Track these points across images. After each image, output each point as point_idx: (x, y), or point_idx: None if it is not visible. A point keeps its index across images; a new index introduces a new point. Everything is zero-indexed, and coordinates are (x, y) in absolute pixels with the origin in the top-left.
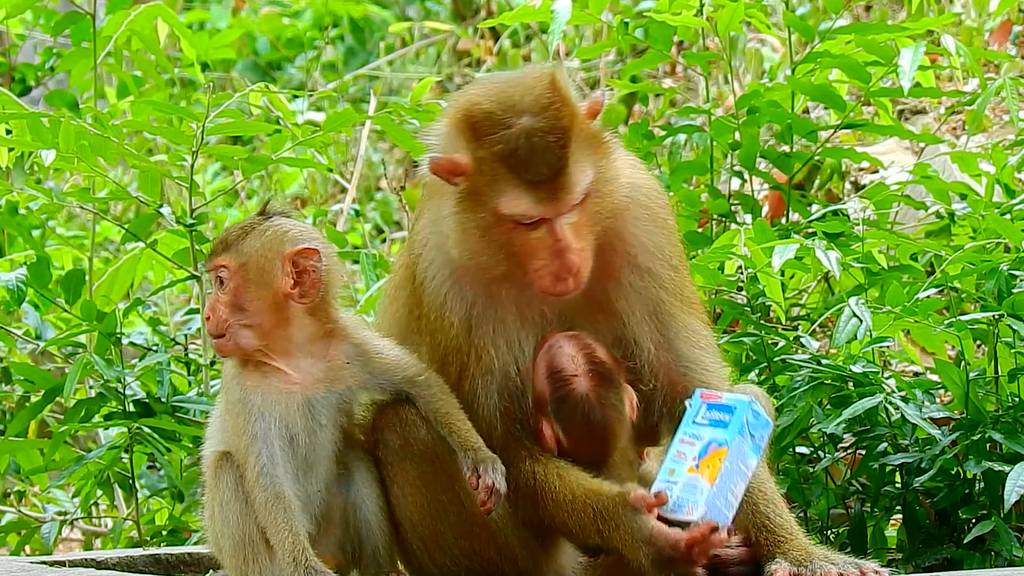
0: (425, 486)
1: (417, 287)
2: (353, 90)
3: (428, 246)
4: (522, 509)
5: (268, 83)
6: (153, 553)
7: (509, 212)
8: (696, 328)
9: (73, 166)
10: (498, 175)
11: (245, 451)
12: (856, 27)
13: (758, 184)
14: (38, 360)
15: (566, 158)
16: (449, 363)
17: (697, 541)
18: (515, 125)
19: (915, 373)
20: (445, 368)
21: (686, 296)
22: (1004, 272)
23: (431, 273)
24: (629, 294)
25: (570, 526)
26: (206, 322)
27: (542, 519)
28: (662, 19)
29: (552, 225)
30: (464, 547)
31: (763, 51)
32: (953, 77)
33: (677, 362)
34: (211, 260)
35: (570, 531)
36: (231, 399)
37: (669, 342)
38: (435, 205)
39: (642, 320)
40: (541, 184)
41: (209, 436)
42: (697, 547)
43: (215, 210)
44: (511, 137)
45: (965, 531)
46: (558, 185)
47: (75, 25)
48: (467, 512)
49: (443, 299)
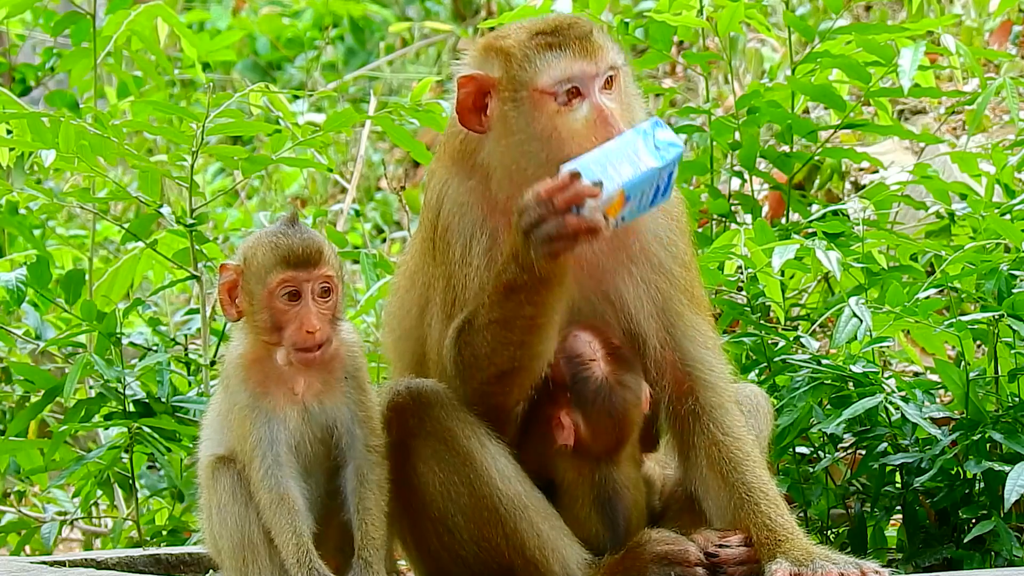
0: (438, 465)
1: (438, 245)
2: (353, 90)
3: (448, 195)
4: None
5: (268, 83)
6: (153, 553)
7: (546, 81)
8: (703, 328)
9: (73, 166)
10: (530, 56)
11: (251, 452)
12: (856, 27)
13: (758, 184)
14: (38, 360)
15: (595, 29)
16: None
17: (556, 189)
18: (544, 22)
19: (915, 373)
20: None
21: (695, 295)
22: (1004, 272)
23: (455, 221)
24: (639, 289)
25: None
26: (309, 335)
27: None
28: (662, 19)
29: (593, 101)
30: (472, 531)
31: (763, 51)
32: (953, 77)
33: (683, 361)
34: (311, 271)
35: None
36: (237, 402)
37: (676, 340)
38: (453, 155)
39: (650, 316)
40: (573, 47)
41: (205, 438)
42: (558, 195)
43: (215, 210)
44: (540, 22)
45: (965, 531)
46: (591, 48)
47: (75, 25)
48: (477, 495)
49: (467, 242)
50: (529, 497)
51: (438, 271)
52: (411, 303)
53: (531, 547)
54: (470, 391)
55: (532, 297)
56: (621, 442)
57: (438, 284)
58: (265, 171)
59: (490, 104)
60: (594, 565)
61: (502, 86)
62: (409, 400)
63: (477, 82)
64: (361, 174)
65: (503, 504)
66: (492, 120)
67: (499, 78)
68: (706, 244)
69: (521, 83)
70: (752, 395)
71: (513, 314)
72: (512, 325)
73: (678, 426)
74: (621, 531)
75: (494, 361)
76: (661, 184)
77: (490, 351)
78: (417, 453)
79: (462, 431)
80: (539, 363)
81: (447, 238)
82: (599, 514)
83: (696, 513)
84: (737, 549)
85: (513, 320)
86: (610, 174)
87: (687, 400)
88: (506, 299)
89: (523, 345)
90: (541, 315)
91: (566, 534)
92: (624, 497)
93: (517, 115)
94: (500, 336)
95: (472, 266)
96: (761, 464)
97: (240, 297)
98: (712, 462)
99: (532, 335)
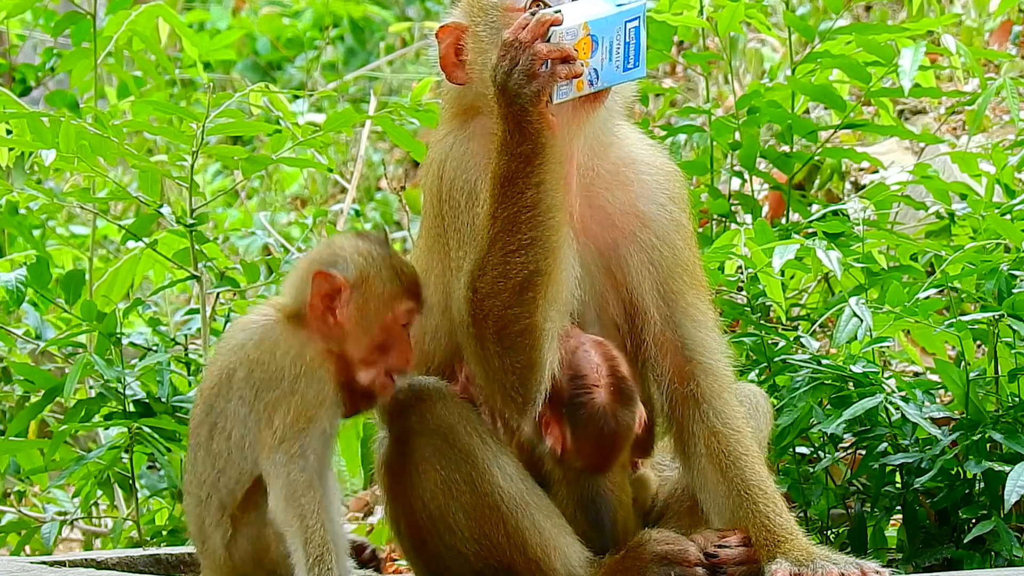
0: (439, 462)
1: (446, 212)
2: (353, 90)
3: (451, 156)
4: None
5: (268, 83)
6: (153, 553)
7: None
8: (704, 309)
9: (73, 166)
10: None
11: (310, 439)
12: (856, 27)
13: (758, 184)
14: (38, 360)
15: None
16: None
17: (519, 27)
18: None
19: (915, 373)
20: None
21: (696, 275)
22: (1004, 272)
23: (458, 177)
24: (643, 256)
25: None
26: (407, 364)
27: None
28: (662, 19)
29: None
30: (474, 529)
31: (763, 51)
32: (953, 77)
33: (684, 344)
34: (421, 307)
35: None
36: (321, 392)
37: (676, 320)
38: (448, 117)
39: (652, 290)
40: None
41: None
42: (520, 31)
43: (215, 210)
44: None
45: (965, 531)
46: None
47: (75, 25)
48: (479, 492)
49: (472, 190)
50: (531, 495)
51: (451, 234)
52: (426, 307)
53: (533, 545)
54: (491, 328)
55: (530, 175)
56: (607, 465)
57: (453, 248)
58: (265, 171)
59: (466, 48)
60: (595, 564)
61: (475, 18)
62: (410, 397)
63: (452, 30)
64: (361, 174)
65: (505, 502)
66: (471, 59)
67: (472, 14)
68: (706, 244)
69: (491, 6)
70: (751, 394)
71: (515, 209)
72: (516, 223)
73: (677, 412)
74: (608, 532)
75: (507, 275)
76: (631, 43)
77: (502, 266)
78: (418, 450)
79: (463, 428)
80: (557, 261)
81: (452, 195)
82: (583, 513)
83: (696, 514)
84: (736, 549)
85: (516, 217)
86: (570, 12)
87: (688, 384)
88: (504, 196)
89: (533, 243)
90: (544, 196)
91: (568, 532)
92: (608, 499)
93: (492, 39)
94: (508, 243)
95: (479, 213)
96: (760, 460)
97: (344, 310)
98: (711, 453)
99: (540, 226)
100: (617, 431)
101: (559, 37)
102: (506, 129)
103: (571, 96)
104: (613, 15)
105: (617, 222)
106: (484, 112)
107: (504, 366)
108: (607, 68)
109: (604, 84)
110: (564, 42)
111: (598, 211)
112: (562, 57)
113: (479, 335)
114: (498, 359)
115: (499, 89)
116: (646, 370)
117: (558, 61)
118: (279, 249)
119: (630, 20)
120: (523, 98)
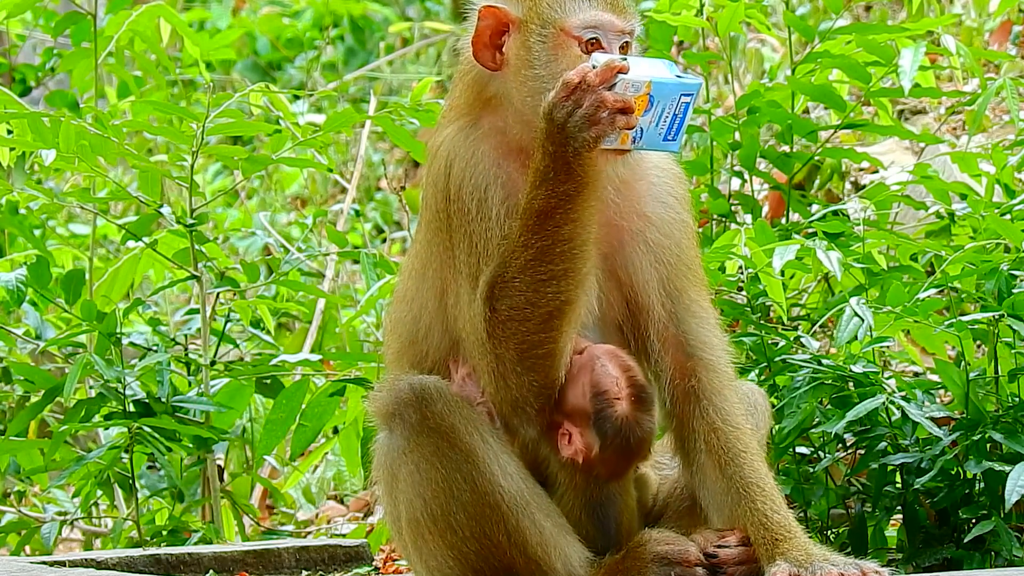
0: (440, 461)
1: (452, 211)
2: (353, 90)
3: (459, 153)
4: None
5: (268, 83)
6: (153, 553)
7: (574, 23)
8: (705, 306)
9: (73, 166)
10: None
11: None
12: (856, 27)
13: (758, 184)
14: (38, 360)
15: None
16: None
17: (587, 70)
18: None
19: (915, 373)
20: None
21: (698, 274)
22: (1004, 272)
23: (467, 177)
24: (646, 264)
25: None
26: None
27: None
28: (662, 19)
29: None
30: (474, 528)
31: (763, 51)
32: (953, 77)
33: (686, 340)
34: None
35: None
36: None
37: (679, 316)
38: (461, 105)
39: (657, 289)
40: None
41: None
42: (590, 74)
43: (215, 210)
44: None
45: (965, 531)
46: (620, 5)
47: (76, 25)
48: (480, 491)
49: (483, 194)
50: (531, 494)
51: (456, 238)
52: (422, 303)
53: (533, 545)
54: (512, 349)
55: (569, 212)
56: (627, 471)
57: (459, 251)
58: (265, 171)
59: (507, 42)
60: (595, 564)
61: (527, 19)
62: (411, 396)
63: (498, 16)
64: (361, 174)
65: (505, 501)
66: (509, 57)
67: (524, 12)
68: (706, 244)
69: (548, 20)
70: (750, 393)
71: (551, 241)
72: (551, 255)
73: (677, 408)
74: (613, 534)
75: (537, 304)
76: (678, 116)
77: (531, 294)
78: (418, 450)
79: (464, 427)
80: (584, 290)
81: (461, 197)
82: (590, 518)
83: (696, 514)
84: (736, 549)
85: (551, 249)
86: (636, 66)
87: (689, 380)
88: (540, 228)
89: (566, 274)
90: (581, 231)
91: (568, 532)
92: (615, 502)
93: (540, 51)
94: (539, 272)
95: (491, 218)
96: (759, 457)
97: None
98: (711, 449)
99: (574, 259)
100: (642, 438)
101: (623, 87)
102: (550, 166)
103: (613, 147)
104: (675, 83)
105: (624, 224)
106: (497, 110)
107: (521, 383)
108: (651, 132)
109: (643, 147)
110: (628, 93)
111: (604, 216)
112: (624, 108)
113: (498, 353)
114: (516, 377)
115: (556, 128)
116: (648, 366)
117: (618, 111)
118: (279, 249)
119: (686, 94)
120: (579, 141)
